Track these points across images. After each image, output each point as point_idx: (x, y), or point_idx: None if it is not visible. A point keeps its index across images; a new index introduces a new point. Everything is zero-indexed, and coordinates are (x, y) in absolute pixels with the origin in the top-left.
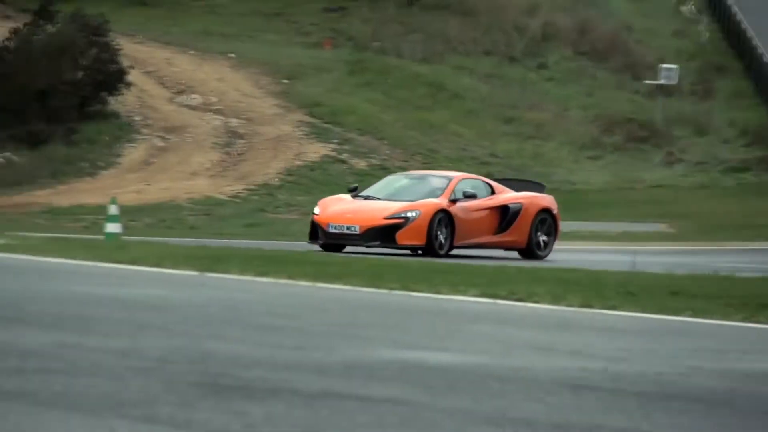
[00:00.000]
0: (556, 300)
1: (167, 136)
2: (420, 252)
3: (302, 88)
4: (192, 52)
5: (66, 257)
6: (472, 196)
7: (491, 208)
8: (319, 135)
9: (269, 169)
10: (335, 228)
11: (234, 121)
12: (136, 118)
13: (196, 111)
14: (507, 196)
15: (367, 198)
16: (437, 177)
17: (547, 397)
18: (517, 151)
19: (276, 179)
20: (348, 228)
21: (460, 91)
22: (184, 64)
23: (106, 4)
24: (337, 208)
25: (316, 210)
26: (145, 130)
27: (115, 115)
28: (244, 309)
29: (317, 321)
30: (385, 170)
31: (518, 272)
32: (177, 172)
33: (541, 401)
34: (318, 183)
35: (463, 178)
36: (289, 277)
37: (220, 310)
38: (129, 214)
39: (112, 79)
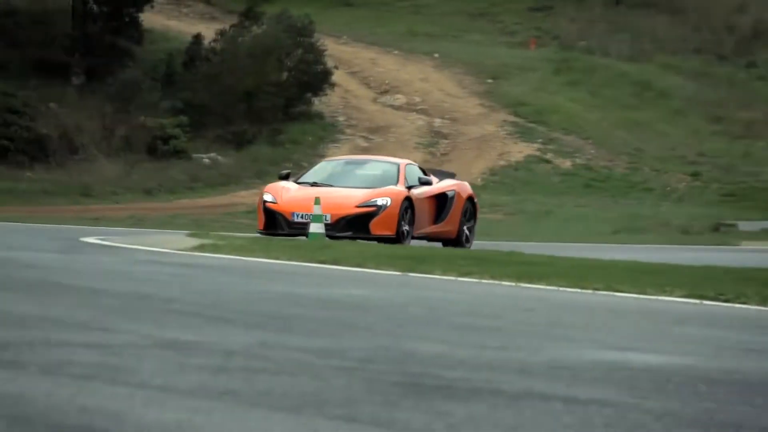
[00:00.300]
0: (764, 301)
1: (371, 137)
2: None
3: (506, 87)
4: (396, 52)
5: (269, 257)
6: (427, 183)
7: (432, 197)
8: (524, 135)
9: (473, 168)
10: (302, 217)
11: (438, 121)
12: (340, 119)
13: (399, 111)
14: (443, 183)
15: (314, 185)
16: (382, 162)
17: (755, 399)
18: (725, 151)
19: (479, 179)
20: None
21: (667, 89)
22: (388, 65)
23: (311, 5)
24: (297, 196)
25: (268, 197)
26: (348, 131)
27: (320, 115)
28: (447, 309)
29: (520, 321)
30: (589, 170)
31: (725, 273)
32: None
33: (749, 404)
34: (522, 183)
35: (408, 164)
36: (492, 278)
37: (422, 310)
38: None
39: (317, 79)
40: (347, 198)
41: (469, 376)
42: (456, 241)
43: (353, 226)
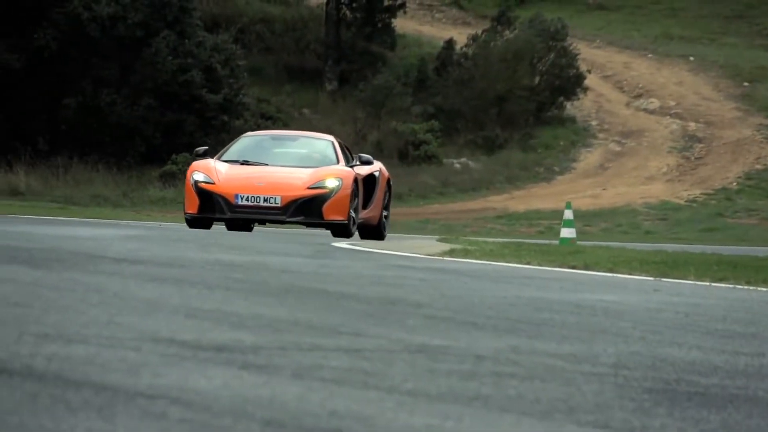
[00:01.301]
0: None
1: (624, 141)
2: (333, 230)
3: (764, 91)
4: (650, 55)
5: (519, 262)
6: (368, 162)
7: (363, 179)
8: None
9: (728, 173)
10: (247, 199)
11: (692, 125)
12: (593, 123)
13: (653, 115)
14: (368, 165)
15: (245, 163)
16: (313, 138)
17: None
18: None
19: (735, 183)
20: (266, 200)
21: None
22: (642, 68)
23: (564, 9)
24: (237, 175)
25: (200, 176)
26: (601, 135)
27: (572, 119)
28: (700, 315)
29: None
30: None
31: None
32: (633, 176)
33: None
34: None
35: (336, 141)
36: (748, 283)
37: (675, 316)
38: (584, 218)
39: (570, 84)
40: (294, 178)
41: (724, 383)
42: (376, 230)
43: (305, 211)
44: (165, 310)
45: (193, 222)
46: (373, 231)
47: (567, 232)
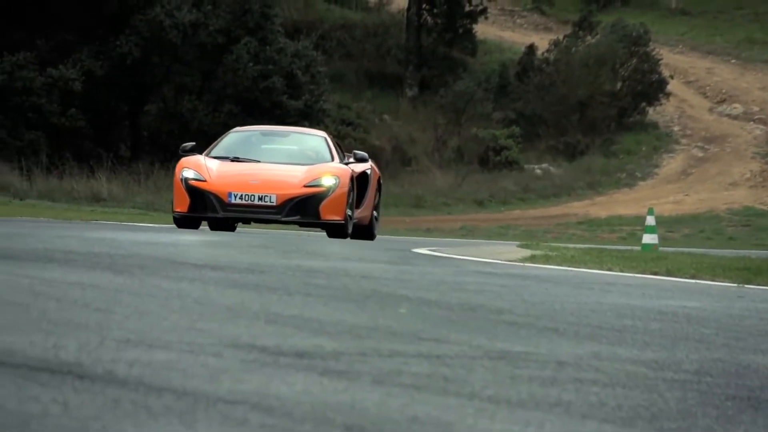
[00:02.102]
0: None
1: (707, 147)
2: (329, 231)
3: None
4: (734, 61)
5: (601, 268)
6: (363, 160)
7: (357, 177)
8: None
9: None
10: (241, 198)
11: None
12: (675, 129)
13: (737, 121)
14: (363, 162)
15: (236, 160)
16: (304, 134)
17: None
18: None
19: None
20: (261, 198)
21: None
22: (725, 74)
23: (647, 15)
24: (229, 173)
25: (190, 174)
26: (683, 141)
27: (654, 125)
28: None
29: None
30: None
31: None
32: (716, 182)
33: None
34: None
35: (329, 137)
36: None
37: (759, 323)
38: (666, 224)
39: (652, 89)
40: (289, 176)
41: None
42: (367, 230)
43: (301, 210)
44: (245, 315)
45: (182, 221)
46: (364, 231)
47: (649, 238)
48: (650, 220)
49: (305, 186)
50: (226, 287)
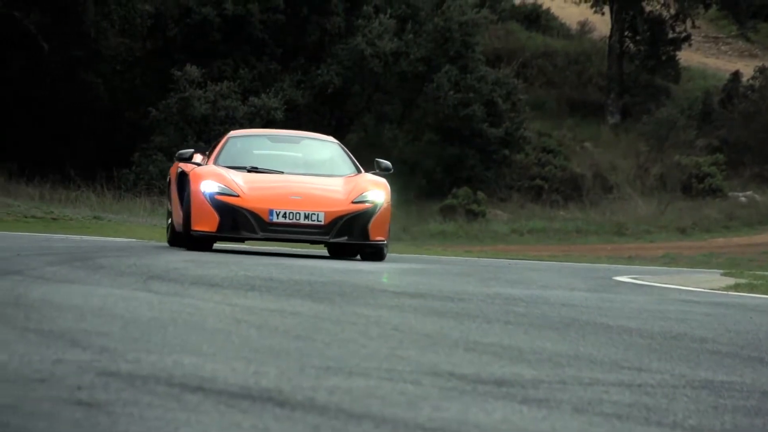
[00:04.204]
0: None
1: None
2: (366, 253)
3: None
4: None
5: None
6: (387, 169)
7: None
8: None
9: None
10: (284, 216)
11: None
12: None
13: None
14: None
15: (253, 170)
16: (315, 139)
17: None
18: None
19: None
20: (307, 216)
21: None
22: None
23: None
24: (264, 186)
25: (214, 187)
26: None
27: None
28: None
29: None
30: None
31: None
32: None
33: None
34: None
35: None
36: None
37: None
38: None
39: None
40: (332, 190)
41: None
42: (380, 251)
43: (349, 230)
44: (444, 343)
45: (201, 241)
46: (377, 252)
47: None
48: None
49: (353, 202)
50: (425, 315)
